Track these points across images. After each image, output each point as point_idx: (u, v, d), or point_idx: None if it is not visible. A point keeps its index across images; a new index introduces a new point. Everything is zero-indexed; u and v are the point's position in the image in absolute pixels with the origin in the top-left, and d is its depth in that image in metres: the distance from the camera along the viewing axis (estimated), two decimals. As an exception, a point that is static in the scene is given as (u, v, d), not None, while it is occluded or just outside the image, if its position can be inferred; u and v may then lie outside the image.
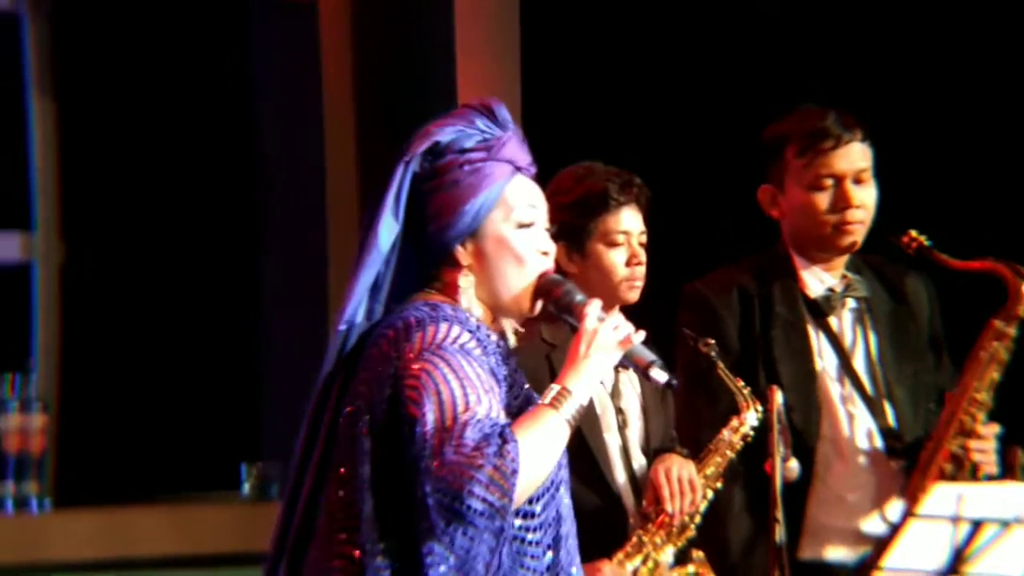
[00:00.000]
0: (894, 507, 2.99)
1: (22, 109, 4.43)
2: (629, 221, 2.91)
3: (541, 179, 3.06)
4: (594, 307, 2.28)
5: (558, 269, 2.88)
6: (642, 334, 2.27)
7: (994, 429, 2.99)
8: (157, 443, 4.30)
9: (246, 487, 4.31)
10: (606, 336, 2.24)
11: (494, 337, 2.23)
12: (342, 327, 2.21)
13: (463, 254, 2.23)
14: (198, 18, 4.43)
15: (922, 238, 3.01)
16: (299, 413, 2.27)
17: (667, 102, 4.34)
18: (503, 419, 2.11)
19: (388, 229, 2.21)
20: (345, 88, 4.32)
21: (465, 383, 2.11)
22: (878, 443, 3.02)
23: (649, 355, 2.26)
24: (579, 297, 2.29)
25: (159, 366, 4.33)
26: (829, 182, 3.02)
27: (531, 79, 4.40)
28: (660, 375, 2.24)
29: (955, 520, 2.44)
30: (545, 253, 2.29)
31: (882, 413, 3.03)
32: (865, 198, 3.04)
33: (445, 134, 2.24)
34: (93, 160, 4.40)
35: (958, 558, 2.45)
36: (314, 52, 4.29)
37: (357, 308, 2.22)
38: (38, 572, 3.81)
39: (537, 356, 2.82)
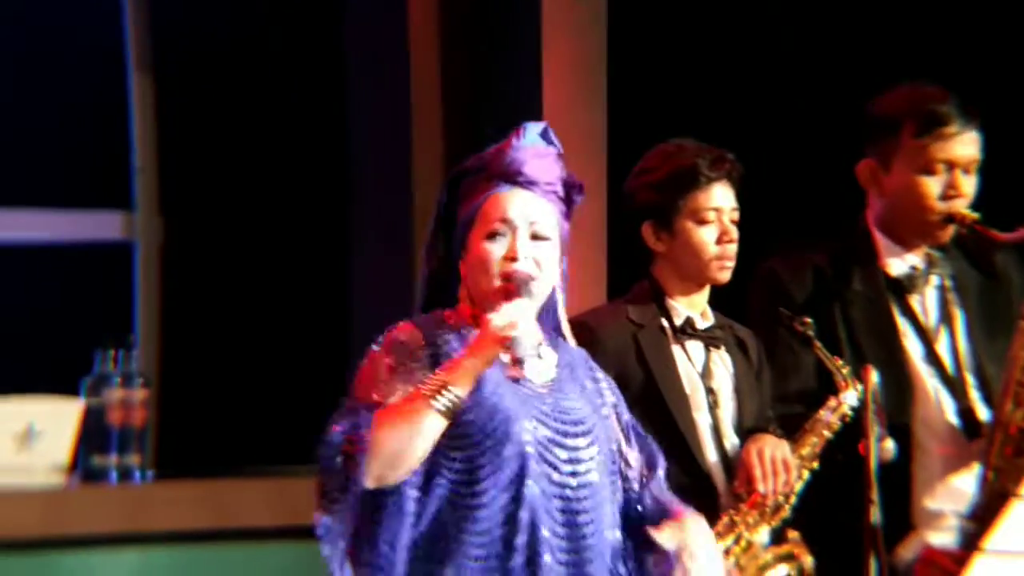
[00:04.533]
0: (965, 482, 2.86)
1: (123, 89, 4.42)
2: (720, 197, 2.78)
3: (631, 160, 2.97)
4: (506, 309, 2.30)
5: (645, 247, 2.80)
6: (530, 336, 2.28)
7: None
8: (255, 415, 4.28)
9: (341, 460, 4.25)
10: (490, 334, 2.28)
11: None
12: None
13: (463, 265, 2.38)
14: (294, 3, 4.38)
15: (974, 214, 2.89)
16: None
17: (758, 79, 4.20)
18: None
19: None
20: (433, 74, 4.23)
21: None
22: (960, 423, 2.90)
23: (523, 352, 2.27)
24: (522, 304, 2.31)
25: (256, 340, 4.30)
26: (942, 168, 2.88)
27: (617, 55, 4.27)
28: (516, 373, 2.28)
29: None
30: (512, 259, 2.34)
31: (964, 394, 2.91)
32: (970, 190, 2.91)
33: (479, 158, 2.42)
34: (191, 139, 4.37)
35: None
36: (403, 40, 4.20)
37: None
38: (141, 540, 3.80)
39: (624, 336, 2.74)
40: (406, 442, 2.26)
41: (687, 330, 2.79)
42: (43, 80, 4.36)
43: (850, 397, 2.78)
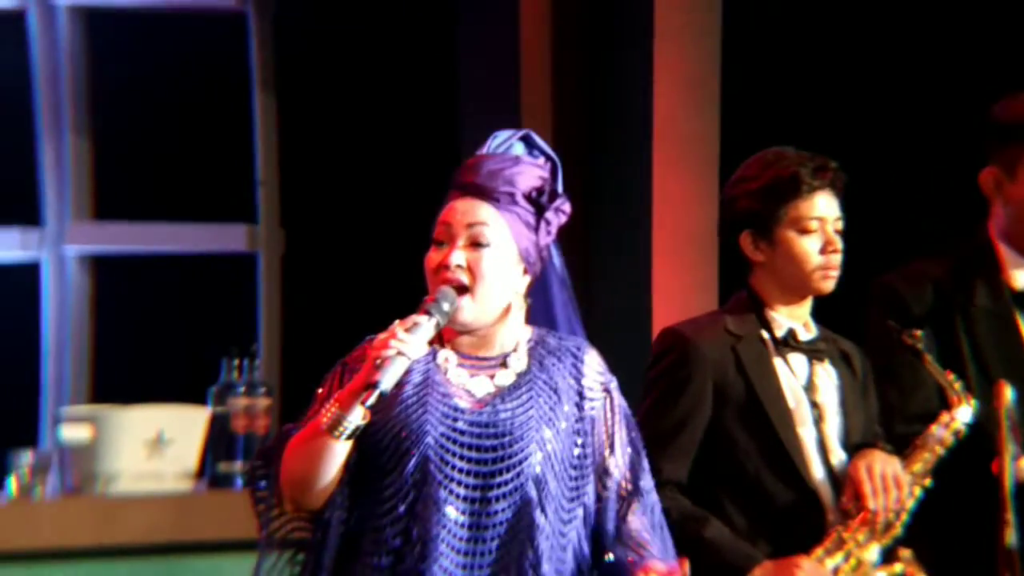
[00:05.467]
0: None
1: (247, 106, 4.48)
2: (824, 207, 2.65)
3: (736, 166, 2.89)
4: (393, 327, 2.22)
5: (744, 258, 2.69)
6: (403, 361, 2.18)
7: None
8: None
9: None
10: (370, 353, 2.20)
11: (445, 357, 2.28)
12: None
13: None
14: (407, 16, 4.39)
15: None
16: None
17: (873, 86, 4.07)
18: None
19: None
20: (544, 81, 4.20)
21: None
22: None
23: (383, 380, 2.15)
24: (419, 316, 2.23)
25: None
26: None
27: (731, 64, 4.19)
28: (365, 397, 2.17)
29: None
30: (445, 267, 2.26)
31: None
32: None
33: None
34: (311, 155, 4.42)
35: None
36: (514, 48, 4.18)
37: None
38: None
39: (722, 347, 2.63)
40: (307, 469, 2.21)
41: (789, 342, 2.67)
42: (172, 100, 4.45)
43: (963, 413, 2.65)
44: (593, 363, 2.32)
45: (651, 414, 2.51)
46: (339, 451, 2.20)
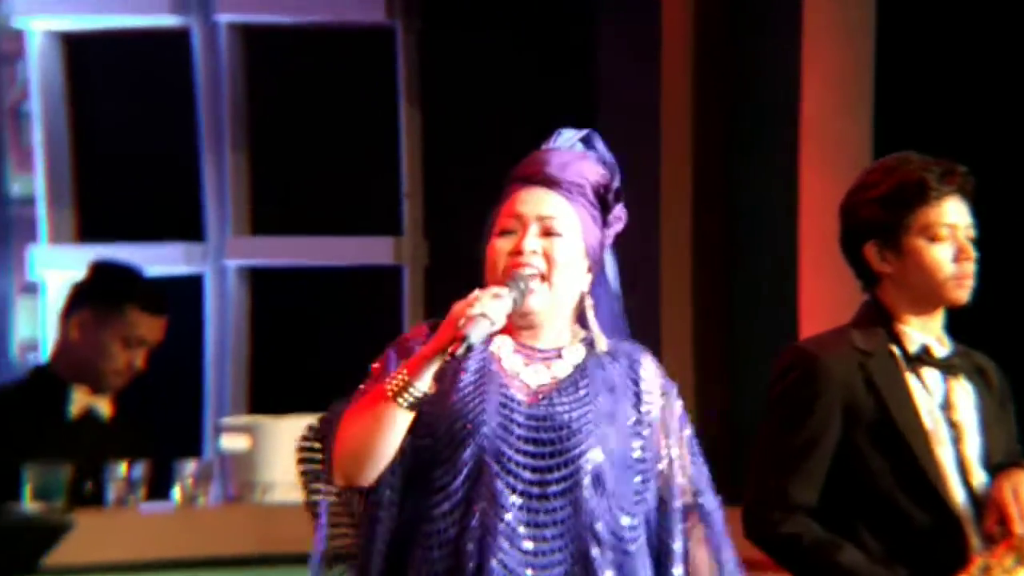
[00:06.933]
0: None
1: (394, 119, 4.52)
2: (954, 213, 2.50)
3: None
4: (475, 295, 2.15)
5: (869, 270, 2.55)
6: (487, 324, 2.11)
7: None
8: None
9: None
10: (449, 319, 2.15)
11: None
12: None
13: None
14: (548, 26, 4.37)
15: None
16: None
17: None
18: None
19: None
20: (684, 80, 4.11)
21: None
22: None
23: (472, 333, 2.09)
24: (500, 288, 2.15)
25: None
26: None
27: (884, 57, 4.03)
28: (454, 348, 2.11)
29: None
30: (518, 252, 2.20)
31: None
32: None
33: None
34: (455, 166, 4.43)
35: None
36: (655, 38, 4.09)
37: None
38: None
39: (850, 364, 2.50)
40: (367, 438, 2.14)
41: (923, 358, 2.53)
42: (321, 115, 4.52)
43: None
44: (650, 366, 2.26)
45: (776, 435, 2.42)
46: (400, 420, 2.14)
